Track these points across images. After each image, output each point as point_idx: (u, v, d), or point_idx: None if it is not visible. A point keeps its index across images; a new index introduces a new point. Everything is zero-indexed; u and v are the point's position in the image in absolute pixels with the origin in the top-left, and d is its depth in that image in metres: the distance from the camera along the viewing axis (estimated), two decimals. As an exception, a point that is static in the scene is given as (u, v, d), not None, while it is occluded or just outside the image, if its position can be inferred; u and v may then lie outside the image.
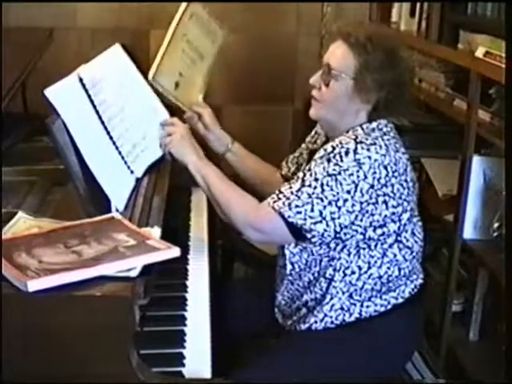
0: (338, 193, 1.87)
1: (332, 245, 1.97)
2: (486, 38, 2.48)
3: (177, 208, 2.43)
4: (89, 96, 1.99)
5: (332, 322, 2.03)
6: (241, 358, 2.02)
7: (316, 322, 2.04)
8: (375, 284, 2.01)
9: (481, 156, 2.49)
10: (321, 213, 1.88)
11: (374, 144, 1.91)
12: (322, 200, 1.88)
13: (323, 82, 2.00)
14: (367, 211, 1.90)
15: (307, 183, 1.90)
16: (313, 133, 2.30)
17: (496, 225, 2.46)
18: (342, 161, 1.88)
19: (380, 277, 2.01)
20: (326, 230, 1.90)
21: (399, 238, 2.00)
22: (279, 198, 1.92)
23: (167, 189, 2.23)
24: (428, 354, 2.72)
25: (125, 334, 1.52)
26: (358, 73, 1.94)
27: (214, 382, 1.68)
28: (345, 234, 1.92)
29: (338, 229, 1.90)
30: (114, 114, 2.13)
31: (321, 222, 1.89)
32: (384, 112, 1.99)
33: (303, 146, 2.33)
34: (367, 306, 2.02)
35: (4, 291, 1.49)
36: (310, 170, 1.93)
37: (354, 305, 2.02)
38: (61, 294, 1.49)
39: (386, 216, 1.93)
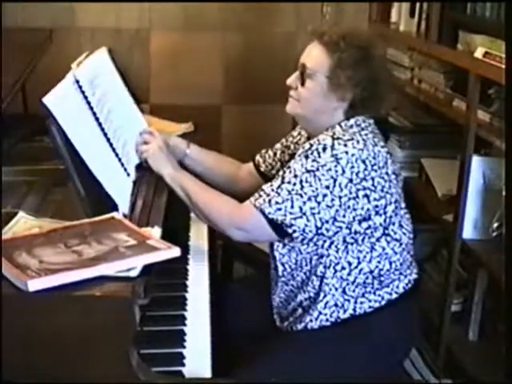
0: (316, 188, 1.89)
1: (319, 242, 1.98)
2: (485, 39, 2.49)
3: (177, 208, 2.43)
4: (85, 97, 2.00)
5: (327, 320, 2.04)
6: (241, 358, 2.02)
7: (311, 320, 2.05)
8: (367, 278, 2.02)
9: (480, 156, 2.50)
10: (301, 209, 1.90)
11: (352, 139, 1.93)
12: (302, 196, 1.90)
13: (299, 81, 2.04)
14: (349, 206, 1.91)
15: (287, 180, 1.93)
16: (295, 133, 2.31)
17: (495, 225, 2.47)
18: (319, 157, 1.91)
19: (371, 271, 2.02)
20: (306, 226, 1.91)
21: (386, 231, 2.01)
22: (260, 196, 1.95)
23: (167, 189, 2.23)
24: (427, 353, 2.73)
25: (125, 333, 1.53)
26: (331, 71, 1.97)
27: (214, 381, 1.69)
28: (327, 229, 1.93)
29: (318, 224, 1.91)
30: (106, 114, 2.14)
31: (301, 217, 1.91)
32: (361, 109, 2.01)
33: (284, 143, 2.34)
34: (361, 303, 2.03)
35: (4, 291, 1.49)
36: (289, 167, 1.95)
37: (348, 301, 2.02)
38: (61, 294, 1.50)
39: (368, 209, 1.94)
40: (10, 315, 1.48)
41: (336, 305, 2.03)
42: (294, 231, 1.93)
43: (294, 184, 1.91)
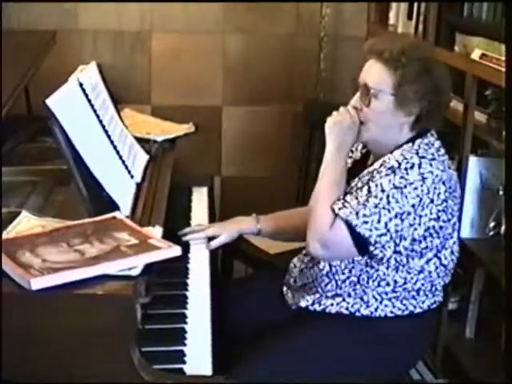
0: (403, 205, 1.90)
1: (375, 255, 1.98)
2: (481, 41, 2.50)
3: (178, 207, 2.45)
4: (89, 100, 2.02)
5: (347, 309, 2.06)
6: (241, 356, 2.02)
7: (332, 304, 2.07)
8: (408, 293, 2.04)
9: (477, 156, 2.51)
10: (386, 224, 1.91)
11: (434, 159, 1.95)
12: (389, 211, 1.90)
13: (363, 103, 2.01)
14: (428, 227, 1.95)
15: (374, 194, 1.92)
16: None
17: (492, 224, 2.48)
18: (407, 174, 1.91)
19: (413, 289, 2.04)
20: (387, 242, 1.93)
21: (439, 255, 2.02)
22: (345, 206, 1.93)
23: (168, 189, 2.25)
24: (425, 351, 2.74)
25: (126, 331, 1.54)
26: (396, 87, 1.95)
27: (214, 379, 1.69)
28: (405, 247, 1.96)
29: (397, 241, 1.93)
30: (110, 118, 2.17)
31: (385, 234, 1.92)
32: (426, 122, 2.00)
33: None
34: (385, 305, 2.04)
35: (8, 289, 1.51)
36: (374, 181, 1.94)
37: (376, 300, 2.04)
38: (63, 293, 1.52)
39: (433, 227, 1.96)
40: (13, 314, 1.50)
41: (362, 299, 2.05)
42: (376, 248, 1.94)
43: (381, 199, 1.90)
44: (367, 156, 2.17)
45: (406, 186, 1.90)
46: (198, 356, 1.75)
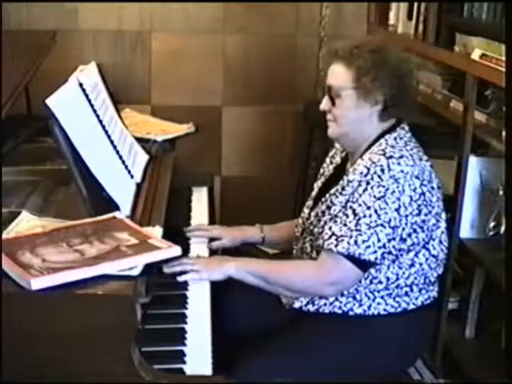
0: (387, 213, 1.92)
1: None
2: (481, 41, 2.50)
3: (178, 207, 2.45)
4: (89, 100, 2.03)
5: (340, 308, 2.07)
6: (241, 356, 2.03)
7: (325, 304, 2.08)
8: (400, 290, 2.05)
9: (477, 156, 2.52)
10: (388, 240, 1.93)
11: (402, 156, 1.97)
12: (383, 226, 1.92)
13: (330, 103, 2.06)
14: (411, 223, 1.96)
15: (362, 215, 1.93)
16: (333, 152, 2.30)
17: (492, 224, 2.49)
18: (381, 180, 1.93)
19: (406, 285, 2.06)
20: (385, 252, 1.96)
21: (427, 246, 2.04)
22: (340, 241, 1.94)
23: (168, 189, 2.25)
24: (425, 351, 2.74)
25: (127, 331, 1.54)
26: (355, 81, 2.00)
27: (215, 379, 1.69)
28: (394, 247, 1.97)
29: (386, 244, 1.95)
30: (110, 118, 2.17)
31: (389, 252, 1.95)
32: (394, 109, 2.04)
33: (324, 164, 2.32)
34: (378, 303, 2.06)
35: (8, 289, 1.51)
36: (356, 201, 1.95)
37: (368, 298, 2.05)
38: (63, 293, 1.52)
39: (416, 223, 1.97)
40: (13, 314, 1.50)
41: (354, 298, 2.06)
42: (378, 264, 1.97)
43: (370, 216, 1.92)
44: (346, 160, 2.19)
45: (385, 194, 1.93)
46: (198, 356, 1.75)
